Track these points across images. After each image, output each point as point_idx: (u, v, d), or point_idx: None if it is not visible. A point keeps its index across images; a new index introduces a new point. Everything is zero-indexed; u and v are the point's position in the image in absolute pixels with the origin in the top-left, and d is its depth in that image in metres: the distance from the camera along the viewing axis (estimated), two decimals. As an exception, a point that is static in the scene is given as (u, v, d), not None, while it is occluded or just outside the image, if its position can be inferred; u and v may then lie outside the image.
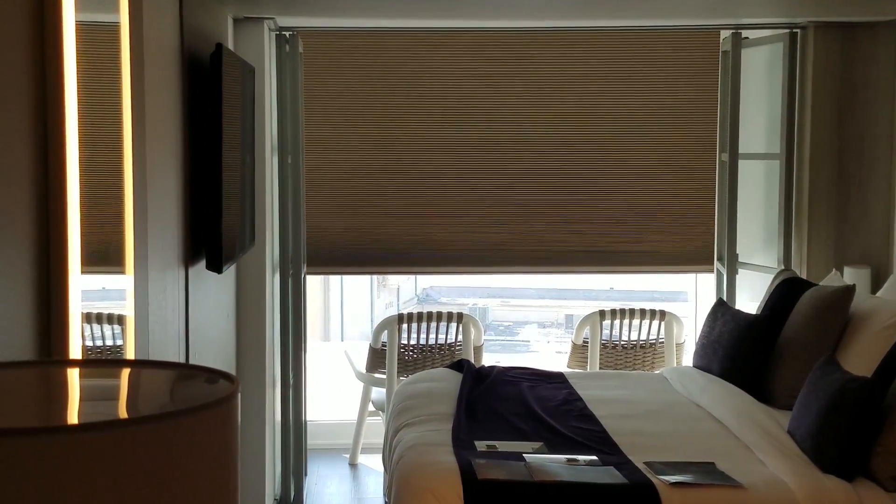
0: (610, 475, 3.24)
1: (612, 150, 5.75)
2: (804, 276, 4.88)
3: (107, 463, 1.07)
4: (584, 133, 5.73)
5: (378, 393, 5.76)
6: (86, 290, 2.08)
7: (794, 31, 5.05)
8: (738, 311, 4.57)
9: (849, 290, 4.10)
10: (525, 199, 5.73)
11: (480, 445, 3.54)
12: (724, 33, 5.38)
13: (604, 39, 5.69)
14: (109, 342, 2.50)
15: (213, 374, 1.30)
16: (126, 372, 1.49)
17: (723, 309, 4.58)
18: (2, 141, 1.78)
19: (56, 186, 1.93)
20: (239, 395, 1.19)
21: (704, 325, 4.61)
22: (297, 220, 5.05)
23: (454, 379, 4.46)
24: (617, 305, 5.76)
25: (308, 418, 5.47)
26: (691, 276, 6.14)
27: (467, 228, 5.73)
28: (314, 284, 9.41)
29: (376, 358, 5.70)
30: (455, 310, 5.79)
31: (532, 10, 4.80)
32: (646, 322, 5.71)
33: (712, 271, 5.59)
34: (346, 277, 9.58)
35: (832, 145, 5.06)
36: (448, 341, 5.65)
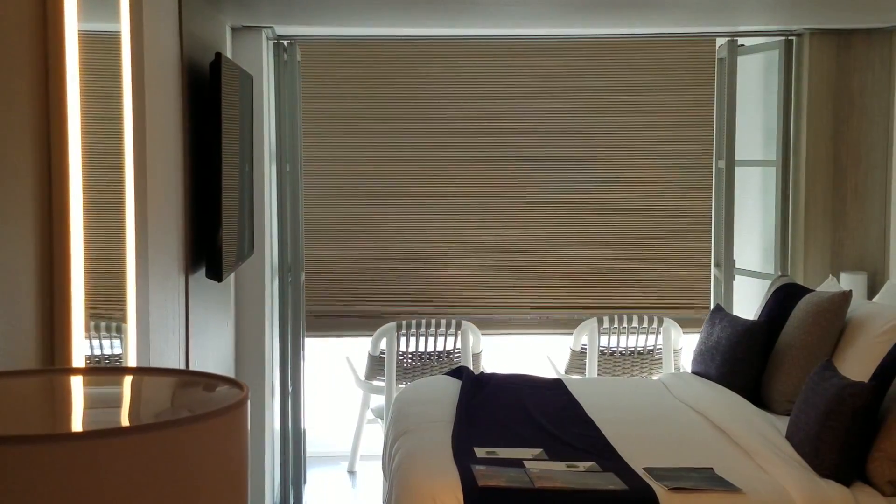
0: (610, 481, 3.25)
1: (606, 159, 5.75)
2: (801, 282, 4.89)
3: (116, 470, 1.07)
4: (578, 142, 5.74)
5: (377, 401, 5.76)
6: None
7: (790, 38, 5.08)
8: (736, 317, 4.58)
9: (845, 296, 4.12)
10: (521, 214, 5.75)
11: (480, 452, 3.54)
12: (720, 41, 5.40)
13: (598, 48, 5.71)
14: (108, 351, 2.50)
15: (221, 381, 1.30)
16: (132, 379, 1.49)
17: (720, 315, 4.59)
18: (7, 144, 1.79)
19: (58, 193, 1.94)
20: (248, 401, 1.19)
21: (702, 332, 4.63)
22: (295, 228, 5.06)
23: (453, 386, 4.46)
24: (615, 312, 5.77)
25: (306, 426, 5.47)
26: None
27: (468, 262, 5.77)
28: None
29: (375, 365, 5.70)
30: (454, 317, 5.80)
31: (527, 19, 4.81)
32: (643, 328, 5.72)
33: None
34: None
35: (828, 151, 5.08)
36: (447, 348, 5.65)
